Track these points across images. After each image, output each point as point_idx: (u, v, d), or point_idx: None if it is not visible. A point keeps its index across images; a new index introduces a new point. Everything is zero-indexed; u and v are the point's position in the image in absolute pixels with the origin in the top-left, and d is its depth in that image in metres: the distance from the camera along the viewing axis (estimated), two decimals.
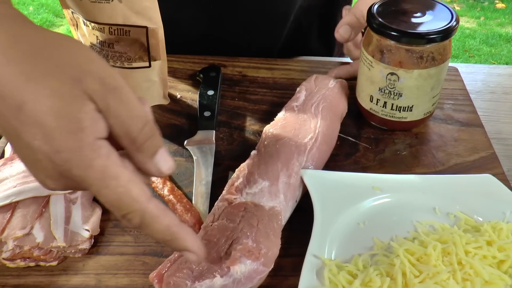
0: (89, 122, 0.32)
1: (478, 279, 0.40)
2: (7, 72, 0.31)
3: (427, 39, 0.53)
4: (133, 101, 0.33)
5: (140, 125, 0.33)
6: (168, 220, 0.34)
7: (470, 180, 0.51)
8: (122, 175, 0.33)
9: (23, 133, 0.32)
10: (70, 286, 0.45)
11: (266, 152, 0.52)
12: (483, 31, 3.42)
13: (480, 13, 3.73)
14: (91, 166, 0.32)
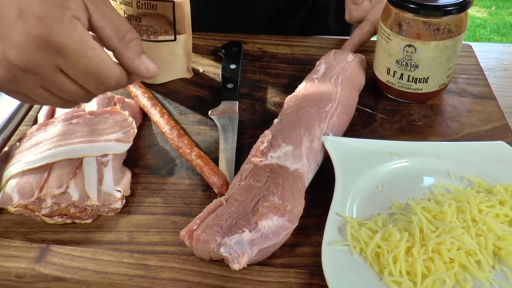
0: (74, 5, 0.37)
1: (491, 234, 0.43)
2: None
3: (444, 11, 0.55)
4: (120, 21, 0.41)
5: (127, 26, 0.40)
6: None
7: (483, 147, 0.53)
8: (96, 47, 0.38)
9: None
10: (104, 242, 0.48)
11: (288, 119, 0.54)
12: (494, 21, 3.41)
13: (492, 3, 3.72)
14: (71, 36, 0.36)
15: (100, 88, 0.40)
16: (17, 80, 0.38)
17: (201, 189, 0.52)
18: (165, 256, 0.45)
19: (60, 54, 0.37)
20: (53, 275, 0.44)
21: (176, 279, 0.43)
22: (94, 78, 0.39)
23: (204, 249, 0.44)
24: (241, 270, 0.43)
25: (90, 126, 0.56)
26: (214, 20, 0.76)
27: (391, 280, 0.40)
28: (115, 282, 0.44)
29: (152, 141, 0.59)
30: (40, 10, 0.35)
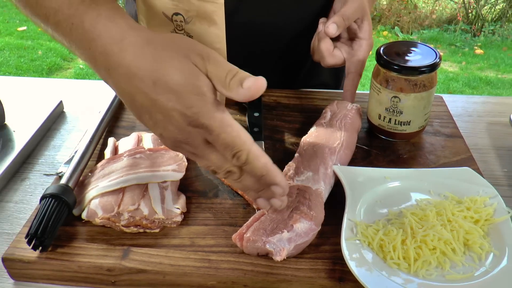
0: (206, 87, 0.49)
1: (461, 230, 0.59)
2: (144, 61, 0.50)
3: (419, 71, 0.73)
4: (222, 61, 0.50)
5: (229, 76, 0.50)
6: (266, 159, 0.52)
7: (454, 171, 0.70)
8: (235, 124, 0.50)
9: (159, 100, 0.49)
10: (171, 245, 0.62)
11: (306, 153, 0.71)
12: (465, 75, 3.72)
13: (462, 58, 4.05)
14: (214, 117, 0.49)
15: (234, 156, 0.51)
16: (179, 146, 0.53)
17: (242, 207, 0.67)
18: (222, 253, 0.60)
19: (207, 129, 0.49)
20: (137, 268, 0.58)
21: (233, 268, 0.58)
22: (228, 149, 0.50)
23: (253, 247, 0.59)
24: (282, 261, 0.58)
25: (150, 160, 0.71)
26: None
27: (393, 262, 0.56)
28: (187, 272, 0.58)
29: (198, 172, 0.74)
30: (188, 102, 0.49)
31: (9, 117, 0.91)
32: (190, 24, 0.74)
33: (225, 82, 0.50)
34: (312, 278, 0.56)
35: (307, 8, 0.91)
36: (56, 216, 0.62)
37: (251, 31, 0.90)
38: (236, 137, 0.50)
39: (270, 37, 0.92)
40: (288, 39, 0.94)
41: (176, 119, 0.50)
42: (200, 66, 0.50)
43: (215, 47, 0.75)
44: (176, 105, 0.49)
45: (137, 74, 0.50)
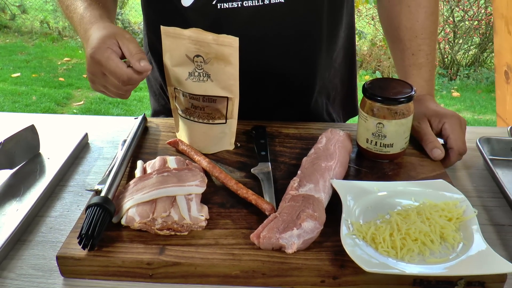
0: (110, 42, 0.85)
1: (437, 225, 0.73)
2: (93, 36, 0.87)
3: (399, 101, 0.88)
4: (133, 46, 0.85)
5: (136, 49, 0.84)
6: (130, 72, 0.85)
7: (432, 183, 0.84)
8: (116, 60, 0.84)
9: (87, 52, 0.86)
10: (199, 244, 0.74)
11: (307, 170, 0.85)
12: None
13: (440, 101, 4.29)
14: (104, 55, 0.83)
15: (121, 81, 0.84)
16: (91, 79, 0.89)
17: (256, 214, 0.80)
18: (242, 249, 0.73)
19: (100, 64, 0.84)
20: (172, 261, 0.70)
21: (253, 260, 0.70)
22: (115, 75, 0.83)
23: (268, 243, 0.71)
24: (293, 253, 0.70)
25: (176, 177, 0.84)
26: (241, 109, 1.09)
27: (383, 250, 0.69)
28: (215, 263, 0.70)
29: (215, 188, 0.87)
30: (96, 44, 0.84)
31: (43, 147, 1.04)
32: (209, 64, 0.89)
33: (133, 54, 0.84)
34: (318, 266, 0.69)
35: (310, 53, 1.07)
36: (101, 221, 0.74)
37: (258, 67, 1.06)
38: (116, 67, 0.83)
39: (276, 79, 1.08)
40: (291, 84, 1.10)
41: (89, 61, 0.86)
42: (120, 42, 0.85)
43: (229, 83, 0.90)
44: (91, 51, 0.85)
45: (88, 41, 0.87)
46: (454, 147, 0.94)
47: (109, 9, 0.99)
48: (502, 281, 0.69)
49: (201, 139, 0.97)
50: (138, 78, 0.85)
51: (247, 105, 1.10)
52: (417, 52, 1.07)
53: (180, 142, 0.98)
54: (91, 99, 4.07)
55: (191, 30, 0.87)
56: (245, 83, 0.99)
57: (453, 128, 0.95)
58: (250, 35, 0.99)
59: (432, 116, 0.98)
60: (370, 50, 5.23)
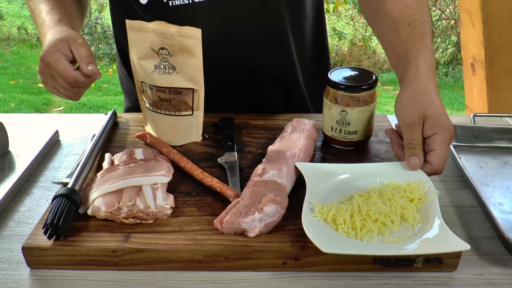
0: (61, 46, 0.88)
1: (398, 205, 0.75)
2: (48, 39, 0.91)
3: (361, 89, 0.90)
4: (83, 50, 0.88)
5: (86, 53, 0.88)
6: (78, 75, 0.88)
7: (396, 164, 0.86)
8: (64, 63, 0.87)
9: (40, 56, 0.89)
10: (164, 231, 0.75)
11: (272, 158, 0.86)
12: None
13: None
14: (53, 58, 0.87)
15: (68, 83, 0.88)
16: (43, 81, 0.91)
17: (221, 201, 0.81)
18: (206, 235, 0.74)
19: (49, 66, 0.87)
20: (137, 248, 0.71)
21: (216, 244, 0.71)
22: (62, 77, 0.87)
23: (231, 227, 0.72)
24: (255, 237, 0.72)
25: (143, 168, 0.85)
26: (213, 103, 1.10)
27: (343, 231, 0.71)
28: (178, 249, 0.71)
29: (181, 178, 0.88)
30: (47, 47, 0.88)
31: (12, 145, 1.05)
32: (173, 57, 0.90)
33: (82, 57, 0.88)
34: (279, 247, 0.70)
35: (279, 46, 1.09)
36: (67, 211, 0.75)
37: (227, 63, 1.07)
38: (64, 68, 0.87)
39: (238, 70, 1.09)
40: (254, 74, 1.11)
41: (40, 63, 0.89)
42: (72, 47, 0.89)
43: (193, 74, 0.92)
44: (42, 53, 0.89)
45: (44, 45, 0.91)
46: (434, 164, 0.82)
47: (72, 13, 1.02)
48: (457, 257, 0.71)
49: (169, 131, 0.98)
50: (85, 81, 0.88)
51: (220, 100, 1.12)
52: (412, 22, 0.89)
53: (148, 135, 0.99)
54: (71, 104, 4.05)
55: (155, 23, 0.89)
56: (215, 78, 1.01)
57: (442, 143, 0.82)
58: (211, 31, 1.00)
59: (428, 119, 0.83)
60: (350, 50, 5.28)
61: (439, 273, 0.72)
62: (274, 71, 1.11)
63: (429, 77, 0.85)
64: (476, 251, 0.76)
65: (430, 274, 0.72)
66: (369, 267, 0.71)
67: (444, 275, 0.72)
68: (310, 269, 0.71)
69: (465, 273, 0.72)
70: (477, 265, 0.73)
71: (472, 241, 0.78)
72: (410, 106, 0.83)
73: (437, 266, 0.71)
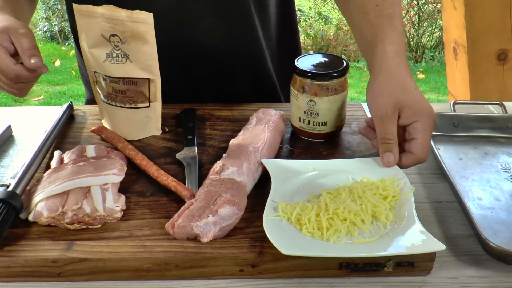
0: (5, 42, 0.79)
1: (369, 203, 0.68)
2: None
3: (330, 77, 0.84)
4: (26, 42, 0.79)
5: (28, 45, 0.79)
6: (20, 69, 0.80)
7: (371, 160, 0.80)
8: (3, 56, 0.78)
9: None
10: (111, 237, 0.68)
11: (233, 153, 0.79)
12: None
13: None
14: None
15: (9, 78, 0.80)
16: None
17: (176, 202, 0.75)
18: (156, 240, 0.67)
19: None
20: (79, 257, 0.64)
21: (166, 251, 0.65)
22: (2, 73, 0.79)
23: (183, 232, 0.66)
24: (209, 242, 0.65)
25: (93, 167, 0.78)
26: (176, 94, 1.03)
27: (307, 232, 0.64)
28: (124, 257, 0.64)
29: (136, 176, 0.81)
30: None
31: None
32: (125, 44, 0.83)
33: (24, 50, 0.79)
34: (235, 254, 0.64)
35: (233, 29, 1.01)
36: (3, 218, 0.67)
37: (188, 50, 1.00)
38: (3, 64, 0.78)
39: (201, 56, 1.01)
40: (219, 59, 1.03)
41: None
42: (12, 37, 0.80)
43: (148, 63, 0.84)
44: None
45: None
46: (417, 153, 0.76)
47: None
48: (431, 260, 0.65)
49: (125, 125, 0.91)
50: (28, 75, 0.80)
51: (183, 90, 1.04)
52: (381, 2, 0.82)
53: (103, 130, 0.92)
54: (51, 93, 3.95)
55: (104, 7, 0.81)
56: (176, 66, 0.94)
57: (424, 130, 0.76)
58: (169, 15, 0.92)
59: (405, 108, 0.76)
60: (336, 34, 5.20)
61: (411, 277, 0.66)
62: (239, 57, 1.04)
63: (398, 62, 0.78)
64: (452, 252, 0.70)
65: (402, 279, 0.66)
66: (335, 272, 0.65)
67: (416, 280, 0.66)
68: (270, 276, 0.65)
69: (439, 277, 0.66)
70: (452, 267, 0.67)
71: (448, 240, 0.72)
72: (382, 97, 0.77)
73: (409, 270, 0.65)
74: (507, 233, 0.72)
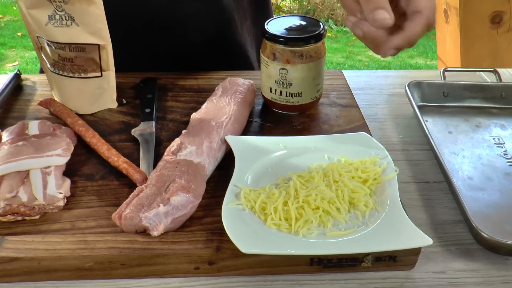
0: None
1: (346, 189, 0.60)
2: None
3: (304, 42, 0.73)
4: None
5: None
6: None
7: (350, 137, 0.71)
8: None
9: None
10: (51, 231, 0.59)
11: (193, 129, 0.70)
12: (396, 63, 3.84)
13: None
14: None
15: None
16: None
17: (128, 186, 0.66)
18: (100, 234, 0.58)
19: None
20: (9, 257, 0.55)
21: (109, 247, 0.56)
22: None
23: (130, 224, 0.57)
24: (159, 236, 0.57)
25: (34, 146, 0.68)
26: (137, 61, 0.92)
27: (273, 223, 0.56)
28: (62, 255, 0.55)
29: (86, 157, 0.72)
30: None
31: None
32: (69, 4, 0.72)
33: None
34: (188, 250, 0.55)
35: None
36: None
37: (146, 11, 0.89)
38: None
39: (160, 19, 0.90)
40: (177, 20, 0.92)
41: None
42: None
43: (97, 27, 0.74)
44: None
45: None
46: (423, 10, 0.57)
47: None
48: (415, 254, 0.57)
49: (76, 97, 0.80)
50: None
51: (143, 58, 0.94)
52: None
53: (52, 102, 0.81)
54: (27, 59, 3.78)
55: None
56: (134, 33, 0.83)
57: None
58: None
59: None
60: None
61: (393, 272, 0.58)
62: (203, 17, 0.93)
63: None
64: (439, 241, 0.62)
65: (382, 274, 0.58)
66: (305, 268, 0.57)
67: (399, 275, 0.58)
68: (229, 273, 0.57)
69: (425, 271, 0.58)
70: (439, 260, 0.59)
71: (435, 227, 0.64)
72: None
73: (390, 265, 0.57)
74: (499, 217, 0.64)
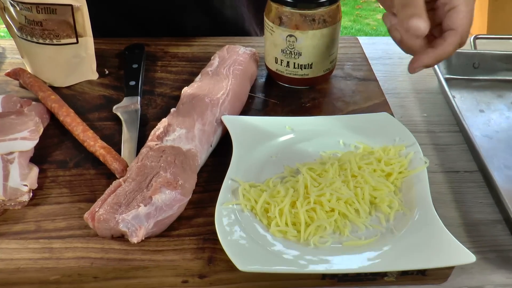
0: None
1: (367, 186, 0.49)
2: None
3: (317, 3, 0.62)
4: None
5: None
6: None
7: (369, 117, 0.60)
8: None
9: None
10: (11, 233, 0.49)
11: (184, 107, 0.59)
12: None
13: None
14: None
15: None
16: None
17: (106, 177, 0.55)
18: (69, 238, 0.48)
19: None
20: None
21: (79, 257, 0.46)
22: None
23: (105, 227, 0.47)
24: (139, 242, 0.47)
25: None
26: (119, 26, 0.80)
27: (277, 230, 0.46)
28: (20, 267, 0.46)
29: (59, 139, 0.61)
30: None
31: None
32: None
33: None
34: (174, 262, 0.45)
35: None
36: None
37: None
38: None
39: None
40: None
41: None
42: None
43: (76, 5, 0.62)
44: None
45: None
46: (458, 28, 0.52)
47: None
48: (449, 268, 0.47)
49: (49, 67, 0.69)
50: None
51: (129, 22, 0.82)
52: None
53: (22, 73, 0.70)
54: None
55: None
56: None
57: None
58: None
59: None
60: None
61: (420, 286, 0.48)
62: None
63: None
64: (474, 247, 0.52)
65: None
66: (316, 282, 0.47)
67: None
68: (224, 287, 0.47)
69: (458, 285, 0.49)
70: (475, 271, 0.50)
71: (468, 229, 0.54)
72: None
73: (418, 279, 0.48)
74: None
